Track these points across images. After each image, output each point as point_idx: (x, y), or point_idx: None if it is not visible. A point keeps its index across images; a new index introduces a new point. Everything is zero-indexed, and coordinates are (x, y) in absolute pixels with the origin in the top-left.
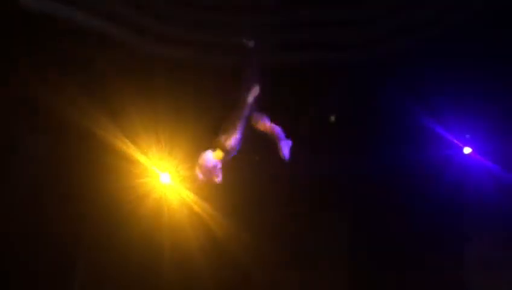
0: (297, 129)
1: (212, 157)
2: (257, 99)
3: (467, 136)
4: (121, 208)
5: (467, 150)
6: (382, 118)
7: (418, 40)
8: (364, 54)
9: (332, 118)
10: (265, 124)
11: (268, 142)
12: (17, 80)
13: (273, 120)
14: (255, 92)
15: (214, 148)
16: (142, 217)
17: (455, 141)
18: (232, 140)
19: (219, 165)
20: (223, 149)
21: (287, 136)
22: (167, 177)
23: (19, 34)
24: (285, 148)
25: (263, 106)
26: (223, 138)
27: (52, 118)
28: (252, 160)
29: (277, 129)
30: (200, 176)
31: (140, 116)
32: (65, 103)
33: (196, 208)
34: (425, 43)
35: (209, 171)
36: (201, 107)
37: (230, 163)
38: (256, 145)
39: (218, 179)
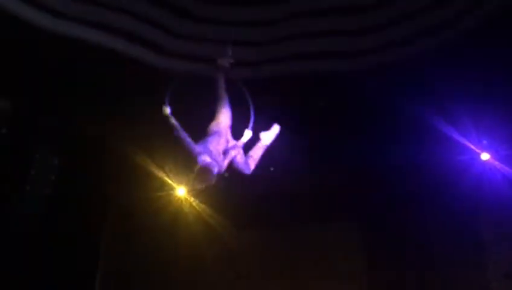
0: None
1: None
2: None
3: (484, 141)
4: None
5: (485, 156)
6: (397, 125)
7: (435, 43)
8: (377, 59)
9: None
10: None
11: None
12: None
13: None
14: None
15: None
16: (161, 225)
17: (472, 147)
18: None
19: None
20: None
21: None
22: (183, 190)
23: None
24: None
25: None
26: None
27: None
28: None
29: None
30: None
31: (157, 130)
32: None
33: (209, 218)
34: (443, 45)
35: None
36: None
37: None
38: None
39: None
